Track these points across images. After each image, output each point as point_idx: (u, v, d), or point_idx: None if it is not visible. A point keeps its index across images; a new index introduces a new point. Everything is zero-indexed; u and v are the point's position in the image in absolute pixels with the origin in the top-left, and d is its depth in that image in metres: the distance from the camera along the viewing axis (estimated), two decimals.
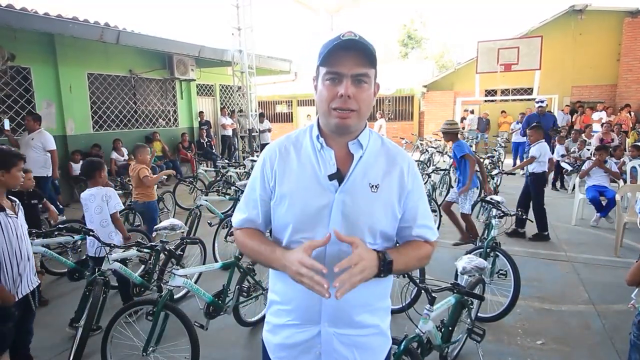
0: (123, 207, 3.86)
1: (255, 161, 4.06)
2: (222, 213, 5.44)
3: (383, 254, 1.13)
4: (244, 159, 10.08)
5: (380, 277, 1.13)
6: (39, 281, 2.54)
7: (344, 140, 1.22)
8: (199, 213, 5.14)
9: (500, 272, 3.42)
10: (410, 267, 1.28)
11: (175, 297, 3.63)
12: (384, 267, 1.12)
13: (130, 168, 4.95)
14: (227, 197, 5.79)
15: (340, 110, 1.13)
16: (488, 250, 3.58)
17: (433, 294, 2.28)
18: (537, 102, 7.60)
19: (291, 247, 1.21)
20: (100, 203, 3.37)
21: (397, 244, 1.31)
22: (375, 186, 1.19)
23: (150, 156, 5.10)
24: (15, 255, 2.28)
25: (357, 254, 1.07)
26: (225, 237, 4.48)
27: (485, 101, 15.32)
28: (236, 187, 5.67)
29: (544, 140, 5.47)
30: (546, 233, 5.37)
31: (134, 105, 10.10)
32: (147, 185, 4.69)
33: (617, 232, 4.92)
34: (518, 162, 10.44)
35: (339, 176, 1.18)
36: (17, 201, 2.43)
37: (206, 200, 5.14)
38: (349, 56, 1.12)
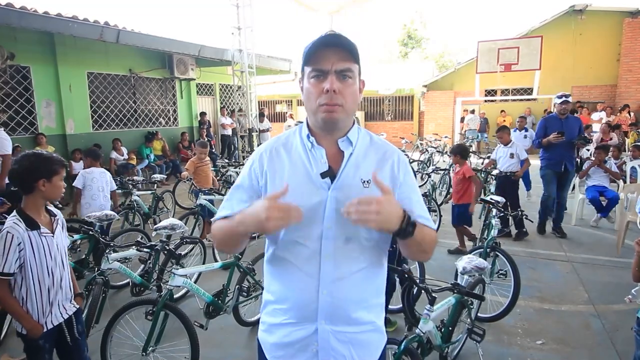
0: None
1: None
2: None
3: (408, 215, 1.09)
4: (243, 159, 10.08)
5: (398, 236, 1.09)
6: (77, 306, 2.14)
7: (333, 138, 1.23)
8: (199, 212, 5.12)
9: (500, 272, 3.42)
10: (424, 244, 1.19)
11: (175, 296, 3.63)
12: (406, 226, 1.07)
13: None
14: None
15: (327, 105, 1.15)
16: (488, 250, 3.58)
17: (433, 294, 2.28)
18: (560, 97, 5.26)
19: (286, 247, 1.21)
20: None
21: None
22: (367, 181, 1.20)
23: (203, 154, 5.55)
24: (46, 279, 1.95)
25: (378, 197, 1.03)
26: None
27: (486, 101, 15.32)
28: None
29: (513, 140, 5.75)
30: (524, 229, 5.48)
31: (133, 105, 10.09)
32: (198, 174, 5.39)
33: (619, 231, 4.91)
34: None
35: (331, 174, 1.19)
36: (59, 215, 2.09)
37: (205, 200, 5.13)
38: (331, 52, 1.13)
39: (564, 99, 5.28)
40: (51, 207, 2.10)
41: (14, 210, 1.96)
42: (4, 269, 1.84)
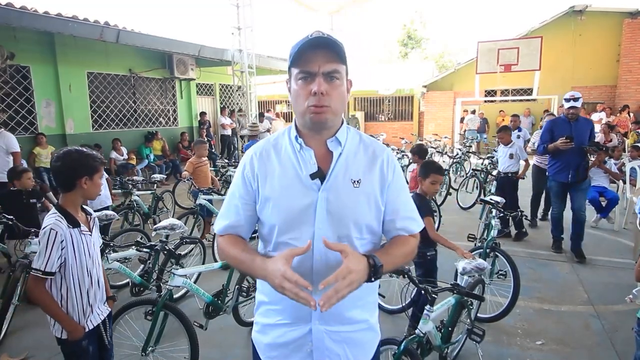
0: None
1: None
2: None
3: (373, 259, 1.12)
4: None
5: (370, 282, 1.13)
6: (109, 309, 2.09)
7: (322, 139, 1.23)
8: (198, 212, 5.11)
9: (500, 272, 3.42)
10: (397, 266, 1.27)
11: (174, 296, 3.63)
12: (374, 273, 1.11)
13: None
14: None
15: (315, 107, 1.15)
16: (488, 250, 3.58)
17: (433, 295, 2.28)
18: (567, 101, 4.55)
19: (278, 249, 1.21)
20: None
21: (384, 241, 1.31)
22: (357, 181, 1.21)
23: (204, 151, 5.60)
24: (85, 279, 1.88)
25: (345, 267, 1.05)
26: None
27: (485, 101, 15.33)
28: None
29: (514, 140, 5.64)
30: (524, 230, 5.49)
31: (133, 105, 10.09)
32: (197, 174, 5.40)
33: (636, 235, 4.79)
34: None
35: (320, 174, 1.19)
36: (93, 214, 2.03)
37: (205, 199, 5.13)
38: (318, 54, 1.13)
39: (571, 102, 4.49)
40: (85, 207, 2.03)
41: (53, 207, 1.87)
42: (47, 267, 1.75)
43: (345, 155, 1.23)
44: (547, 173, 4.98)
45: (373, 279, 1.12)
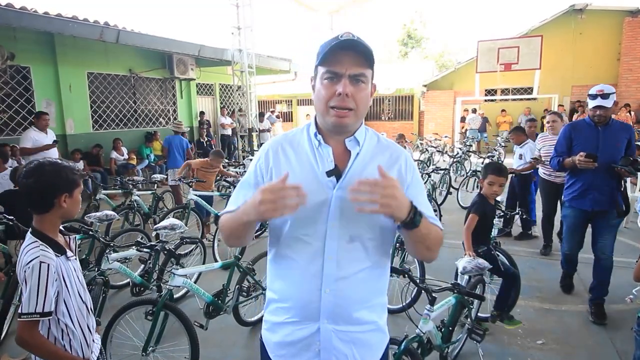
0: None
1: None
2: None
3: (415, 206, 1.09)
4: (243, 159, 10.09)
5: (405, 226, 1.08)
6: (99, 336, 1.86)
7: (341, 138, 1.24)
8: (190, 208, 5.11)
9: None
10: (429, 238, 1.19)
11: (175, 296, 3.63)
12: (414, 215, 1.07)
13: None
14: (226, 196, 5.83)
15: (338, 109, 1.15)
16: None
17: (433, 294, 2.28)
18: (593, 98, 3.24)
19: (290, 244, 1.22)
20: None
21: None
22: None
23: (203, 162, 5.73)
24: (82, 308, 1.64)
25: (392, 180, 1.03)
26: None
27: (486, 101, 15.32)
28: (235, 185, 5.71)
29: (528, 140, 5.45)
30: (530, 232, 5.45)
31: (133, 105, 10.09)
32: (201, 173, 5.57)
33: None
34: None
35: (337, 172, 1.19)
36: (71, 235, 1.75)
37: (195, 195, 5.12)
38: (347, 56, 1.14)
39: (598, 100, 3.19)
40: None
41: (29, 234, 1.57)
42: (45, 307, 1.45)
43: (362, 155, 1.23)
44: (562, 197, 3.73)
45: (408, 223, 1.07)
